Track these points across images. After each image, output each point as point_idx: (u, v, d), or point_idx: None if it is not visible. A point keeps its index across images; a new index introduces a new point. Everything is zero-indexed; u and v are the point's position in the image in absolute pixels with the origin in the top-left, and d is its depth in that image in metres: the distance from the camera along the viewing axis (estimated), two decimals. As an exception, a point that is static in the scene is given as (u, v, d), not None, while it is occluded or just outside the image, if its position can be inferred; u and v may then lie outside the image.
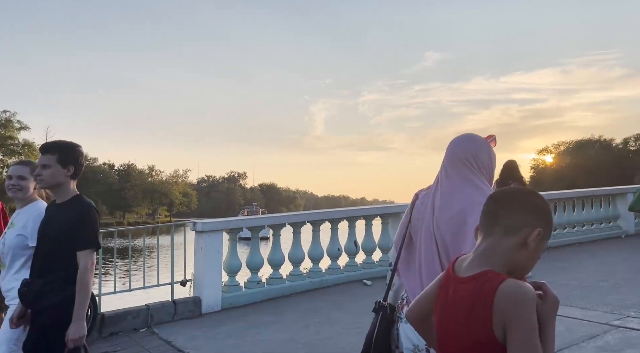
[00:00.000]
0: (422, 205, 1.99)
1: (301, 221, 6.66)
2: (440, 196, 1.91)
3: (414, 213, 2.02)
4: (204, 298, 5.75)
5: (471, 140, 2.02)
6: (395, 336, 1.95)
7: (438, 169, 2.07)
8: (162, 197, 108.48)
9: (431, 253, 1.88)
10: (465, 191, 1.87)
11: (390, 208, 7.46)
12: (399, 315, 1.95)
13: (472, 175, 1.91)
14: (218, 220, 6.15)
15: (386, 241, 7.37)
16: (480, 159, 1.95)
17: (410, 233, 2.03)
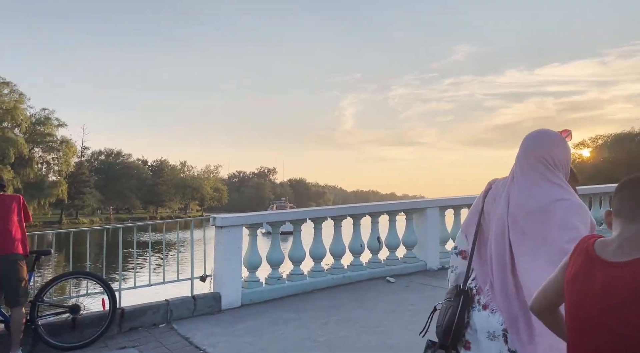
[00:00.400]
0: (495, 196, 2.02)
1: (322, 217, 6.55)
2: (518, 192, 1.91)
3: (486, 202, 2.04)
4: (223, 294, 5.71)
5: (546, 136, 2.00)
6: None
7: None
8: (194, 192, 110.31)
9: (502, 245, 1.91)
10: (543, 188, 1.88)
11: (415, 204, 7.26)
12: (472, 304, 1.99)
13: (548, 172, 1.91)
14: (237, 215, 6.10)
15: (410, 238, 7.19)
16: (555, 155, 1.94)
17: (481, 222, 2.06)
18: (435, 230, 7.26)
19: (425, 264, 7.17)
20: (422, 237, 7.22)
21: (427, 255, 7.19)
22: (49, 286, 4.63)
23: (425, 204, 7.25)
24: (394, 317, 5.10)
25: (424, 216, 7.22)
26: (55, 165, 68.90)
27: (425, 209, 7.22)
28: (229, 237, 5.80)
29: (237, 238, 5.86)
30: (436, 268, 7.16)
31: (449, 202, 7.53)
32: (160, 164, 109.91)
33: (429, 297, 5.69)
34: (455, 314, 1.98)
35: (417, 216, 7.28)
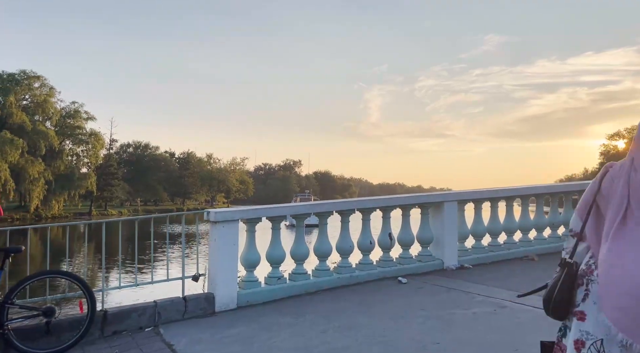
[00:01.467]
0: (613, 178, 2.00)
1: (328, 211, 6.01)
2: None
3: (604, 182, 2.03)
4: (217, 295, 5.25)
5: None
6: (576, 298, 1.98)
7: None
8: (220, 184, 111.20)
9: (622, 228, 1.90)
10: None
11: (431, 197, 6.64)
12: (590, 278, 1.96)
13: None
14: (233, 209, 5.61)
15: (426, 234, 6.58)
16: None
17: (597, 203, 2.06)
18: (453, 225, 6.64)
19: (442, 263, 6.57)
20: (439, 233, 6.61)
21: (444, 253, 6.58)
22: (20, 286, 4.25)
23: (442, 198, 6.62)
24: (402, 324, 4.54)
25: (441, 210, 6.60)
26: (84, 157, 70.26)
27: (442, 203, 6.60)
28: (224, 233, 5.33)
29: (233, 234, 5.38)
30: (454, 267, 6.55)
31: (468, 195, 6.89)
32: (187, 157, 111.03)
33: (443, 301, 5.10)
34: (556, 286, 2.00)
35: (434, 210, 6.67)
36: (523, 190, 7.33)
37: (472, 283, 5.75)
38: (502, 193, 7.11)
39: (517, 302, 4.85)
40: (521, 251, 7.16)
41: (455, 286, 5.63)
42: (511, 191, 7.19)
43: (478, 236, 7.00)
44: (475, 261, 6.78)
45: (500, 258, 6.98)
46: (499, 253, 7.01)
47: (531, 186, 7.49)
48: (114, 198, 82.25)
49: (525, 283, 5.67)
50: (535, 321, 4.29)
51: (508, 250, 7.12)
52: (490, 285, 5.63)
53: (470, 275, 6.22)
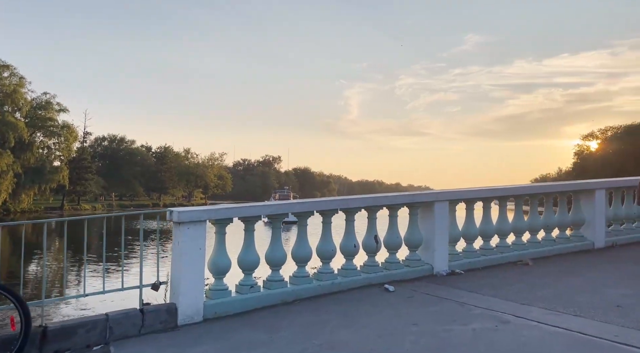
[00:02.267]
0: None
1: (308, 211, 5.39)
2: None
3: None
4: (180, 306, 4.59)
5: None
6: None
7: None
8: (198, 180, 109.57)
9: None
10: None
11: (420, 197, 6.07)
12: None
13: None
14: (200, 208, 4.94)
15: (415, 236, 6.02)
16: None
17: None
18: (444, 227, 6.09)
19: (431, 268, 6.02)
20: (429, 235, 6.06)
21: (434, 258, 6.03)
22: None
23: (433, 197, 6.06)
24: (392, 342, 3.95)
25: (431, 211, 6.05)
26: (56, 150, 68.04)
27: (433, 203, 6.04)
28: (189, 235, 4.67)
29: (199, 236, 4.72)
30: (444, 273, 6.01)
31: (460, 195, 6.35)
32: (164, 151, 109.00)
33: (437, 314, 4.54)
34: None
35: (423, 211, 6.11)
36: (518, 190, 6.83)
37: (466, 292, 5.20)
38: (497, 193, 6.59)
39: (519, 316, 4.32)
40: (515, 255, 6.66)
41: (449, 295, 5.08)
42: (506, 191, 6.69)
43: (469, 239, 6.47)
44: (466, 266, 6.25)
45: (492, 262, 6.47)
46: (492, 258, 6.50)
47: (527, 185, 7.02)
48: (87, 193, 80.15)
49: (523, 291, 5.16)
50: (542, 340, 3.76)
51: (501, 254, 6.61)
52: (486, 294, 5.09)
53: (462, 282, 5.68)
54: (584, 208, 7.31)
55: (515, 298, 4.90)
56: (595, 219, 7.27)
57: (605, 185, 7.44)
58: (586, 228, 7.33)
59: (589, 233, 7.32)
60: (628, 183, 7.70)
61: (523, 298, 4.88)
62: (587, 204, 7.31)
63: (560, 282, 5.53)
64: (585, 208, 7.31)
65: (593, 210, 7.27)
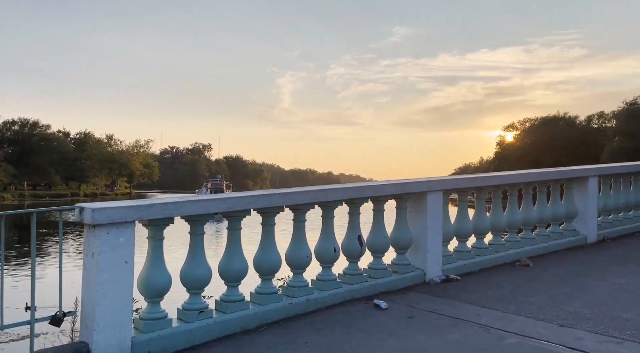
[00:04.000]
0: None
1: (275, 206, 4.03)
2: None
3: None
4: (96, 347, 3.11)
5: None
6: None
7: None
8: (122, 168, 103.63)
9: None
10: None
11: (411, 186, 4.87)
12: None
13: None
14: (126, 203, 3.44)
15: (404, 235, 4.85)
16: None
17: None
18: (437, 223, 4.98)
19: (423, 274, 4.89)
20: (420, 233, 4.92)
21: (427, 261, 4.91)
22: None
23: (424, 186, 4.91)
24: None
25: (423, 203, 4.91)
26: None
27: (425, 194, 4.90)
28: (109, 244, 3.19)
29: (125, 244, 3.25)
30: (438, 279, 4.90)
31: (454, 184, 5.25)
32: (84, 137, 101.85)
33: (458, 343, 3.38)
34: None
35: (413, 204, 4.96)
36: (515, 177, 5.84)
37: (479, 308, 4.11)
38: (493, 181, 5.57)
39: (572, 346, 3.26)
40: (511, 254, 5.70)
41: (460, 314, 3.95)
42: (503, 179, 5.68)
43: (462, 236, 5.42)
44: (461, 269, 5.19)
45: (488, 264, 5.47)
46: (487, 259, 5.50)
47: (524, 173, 6.06)
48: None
49: (548, 306, 4.13)
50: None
51: (496, 253, 5.62)
52: (506, 311, 4.02)
53: (464, 291, 4.60)
54: (577, 199, 6.50)
55: (546, 316, 3.86)
56: (587, 211, 6.49)
57: (599, 171, 6.68)
58: (578, 220, 6.53)
59: (581, 226, 6.53)
60: (623, 169, 7.02)
61: (555, 316, 3.85)
62: (579, 194, 6.51)
63: (584, 290, 4.57)
64: (578, 198, 6.51)
65: (586, 200, 6.49)
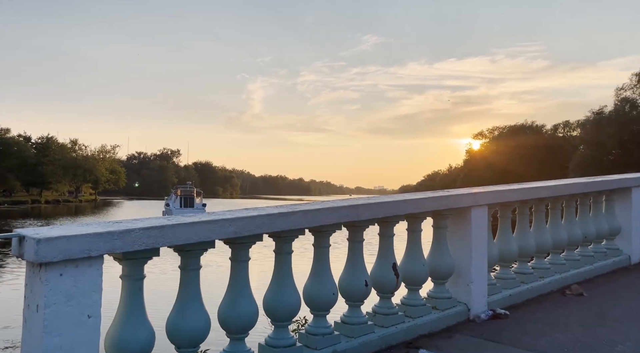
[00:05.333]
0: None
1: (294, 229, 3.00)
2: None
3: None
4: None
5: None
6: None
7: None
8: (87, 174, 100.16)
9: None
10: None
11: (454, 200, 3.90)
12: None
13: None
14: (86, 229, 2.34)
15: (445, 262, 3.89)
16: None
17: None
18: (482, 245, 4.05)
19: (466, 309, 3.95)
20: (463, 258, 3.98)
21: (471, 293, 3.96)
22: None
23: (468, 200, 3.97)
24: None
25: (465, 221, 3.98)
26: None
27: (468, 209, 3.96)
28: (61, 292, 2.13)
29: (85, 291, 2.19)
30: (485, 316, 3.96)
31: (500, 196, 4.33)
32: (46, 142, 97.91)
33: None
34: None
35: (455, 221, 4.01)
36: (561, 189, 4.96)
37: (556, 359, 3.18)
38: (541, 193, 4.68)
39: None
40: (557, 280, 4.82)
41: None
42: (551, 190, 4.80)
43: (506, 260, 4.51)
44: (506, 301, 4.27)
45: (534, 293, 4.57)
46: (533, 286, 4.59)
47: (571, 183, 5.18)
48: (-52, 188, 69.00)
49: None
50: None
51: (541, 279, 4.73)
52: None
53: (522, 332, 3.66)
54: (618, 213, 5.70)
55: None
56: (631, 226, 5.69)
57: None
58: (620, 238, 5.73)
59: (624, 244, 5.73)
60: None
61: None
62: (621, 207, 5.71)
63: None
64: (620, 212, 5.71)
65: (629, 214, 5.69)
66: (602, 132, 63.86)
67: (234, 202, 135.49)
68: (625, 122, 62.80)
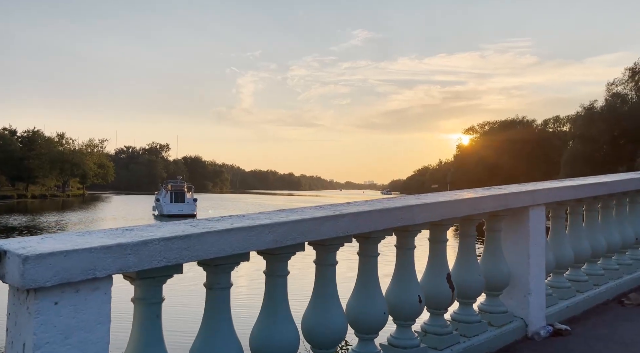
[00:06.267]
0: None
1: (341, 236, 2.44)
2: None
3: None
4: None
5: None
6: None
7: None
8: (74, 168, 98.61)
9: None
10: None
11: (513, 199, 3.37)
12: None
13: None
14: (89, 237, 1.79)
15: (500, 270, 3.37)
16: None
17: None
18: (540, 250, 3.53)
19: (524, 325, 3.43)
20: (519, 266, 3.46)
21: (528, 305, 3.44)
22: None
23: (526, 199, 3.43)
24: None
25: (522, 223, 3.45)
26: None
27: (525, 210, 3.44)
28: (55, 327, 1.55)
29: (88, 324, 1.61)
30: (545, 332, 3.44)
31: (560, 194, 3.80)
32: (32, 135, 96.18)
33: None
34: None
35: (509, 224, 3.49)
36: (624, 184, 4.46)
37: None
38: (601, 190, 4.17)
39: None
40: (612, 288, 4.33)
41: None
42: (611, 186, 4.29)
43: (562, 267, 3.99)
44: (564, 314, 3.77)
45: (590, 303, 4.06)
46: (588, 296, 4.08)
47: (630, 178, 4.67)
48: None
49: None
50: None
51: (596, 287, 4.23)
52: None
53: None
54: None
55: None
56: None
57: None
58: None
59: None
60: None
61: None
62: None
63: None
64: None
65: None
66: (593, 127, 63.98)
67: (224, 196, 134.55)
68: (617, 117, 62.96)
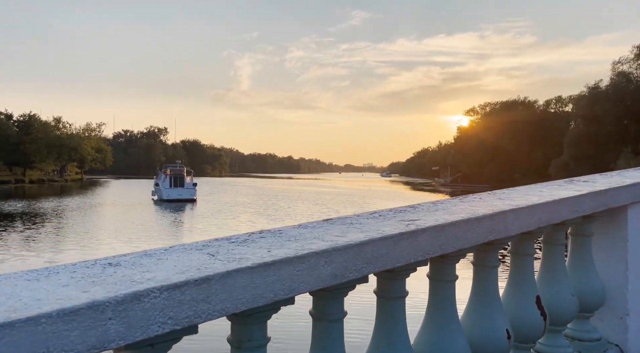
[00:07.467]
0: None
1: (413, 262, 1.72)
2: None
3: None
4: None
5: None
6: None
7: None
8: (72, 152, 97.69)
9: None
10: None
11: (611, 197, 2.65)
12: None
13: None
14: (41, 289, 1.09)
15: (592, 285, 2.66)
16: None
17: None
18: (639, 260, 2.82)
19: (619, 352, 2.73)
20: (615, 281, 2.75)
21: (626, 329, 2.74)
22: None
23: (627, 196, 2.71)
24: None
25: (619, 226, 2.74)
26: None
27: (623, 209, 2.72)
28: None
29: None
30: (646, 361, 2.75)
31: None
32: (28, 120, 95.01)
33: None
34: None
35: (603, 227, 2.77)
36: None
37: None
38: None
39: None
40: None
41: None
42: None
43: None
44: (659, 334, 3.07)
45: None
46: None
47: None
48: None
49: None
50: None
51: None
52: None
53: None
54: None
55: None
56: None
57: None
58: None
59: None
60: None
61: None
62: None
63: None
64: None
65: None
66: (597, 107, 63.04)
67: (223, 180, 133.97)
68: (622, 96, 62.01)
